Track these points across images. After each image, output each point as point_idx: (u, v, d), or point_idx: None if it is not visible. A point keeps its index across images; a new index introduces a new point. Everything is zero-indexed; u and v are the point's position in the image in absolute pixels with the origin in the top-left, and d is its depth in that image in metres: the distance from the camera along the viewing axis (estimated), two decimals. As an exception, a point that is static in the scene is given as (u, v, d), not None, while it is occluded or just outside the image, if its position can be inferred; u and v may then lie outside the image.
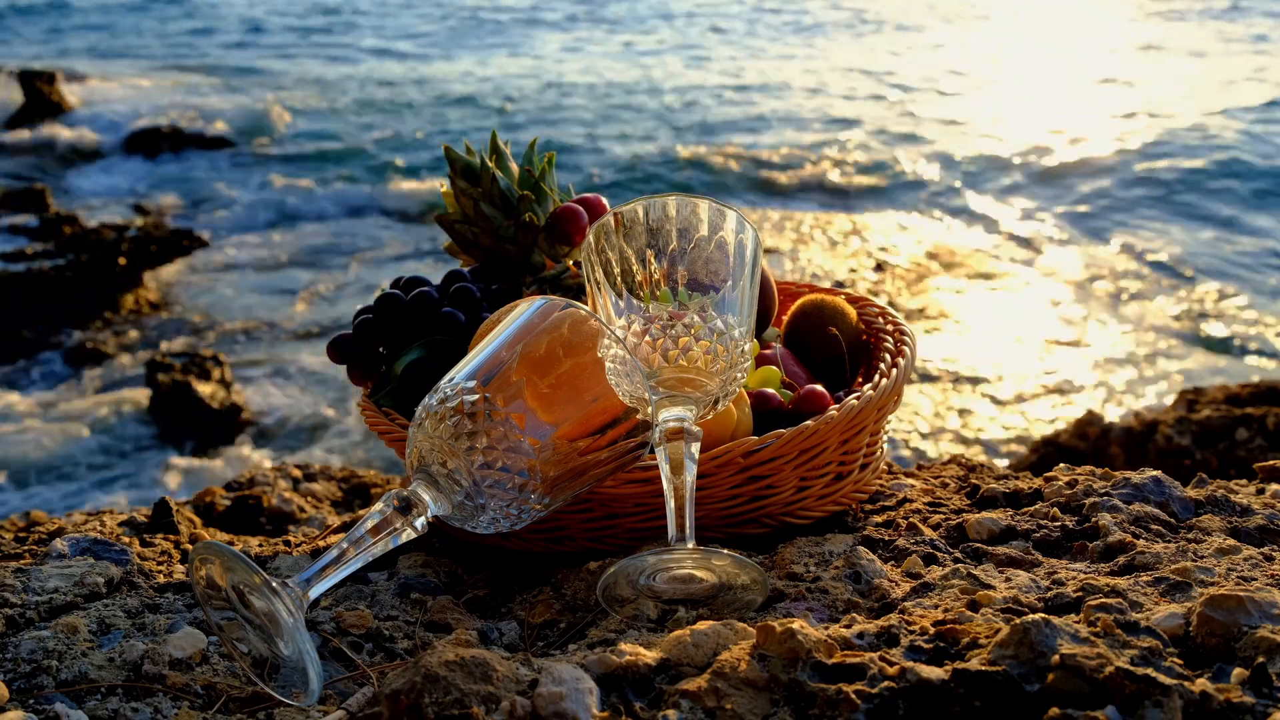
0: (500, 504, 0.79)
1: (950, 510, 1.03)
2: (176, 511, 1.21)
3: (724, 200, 1.03)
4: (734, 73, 14.00)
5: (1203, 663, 0.65)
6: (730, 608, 0.81)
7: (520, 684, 0.63)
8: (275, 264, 7.50)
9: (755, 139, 10.63)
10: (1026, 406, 5.24)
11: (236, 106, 11.89)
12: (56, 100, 11.23)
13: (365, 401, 1.08)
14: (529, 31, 17.35)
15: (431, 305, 1.09)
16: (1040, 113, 11.44)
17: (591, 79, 13.46)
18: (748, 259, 0.90)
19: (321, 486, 1.79)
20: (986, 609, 0.75)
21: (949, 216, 8.26)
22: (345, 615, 0.87)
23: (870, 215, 8.34)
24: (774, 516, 0.97)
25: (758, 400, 1.01)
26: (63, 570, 0.92)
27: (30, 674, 0.75)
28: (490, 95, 12.64)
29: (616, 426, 0.83)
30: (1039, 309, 6.45)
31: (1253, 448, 2.71)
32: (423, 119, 11.57)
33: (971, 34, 17.25)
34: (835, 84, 13.21)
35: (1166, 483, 1.00)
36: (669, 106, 12.01)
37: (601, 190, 2.30)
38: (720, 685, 0.63)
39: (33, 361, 6.03)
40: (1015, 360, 5.75)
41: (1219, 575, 0.79)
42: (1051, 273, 6.99)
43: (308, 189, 9.20)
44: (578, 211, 1.17)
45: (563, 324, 0.83)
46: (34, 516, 1.47)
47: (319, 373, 5.92)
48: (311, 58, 15.20)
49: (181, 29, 17.48)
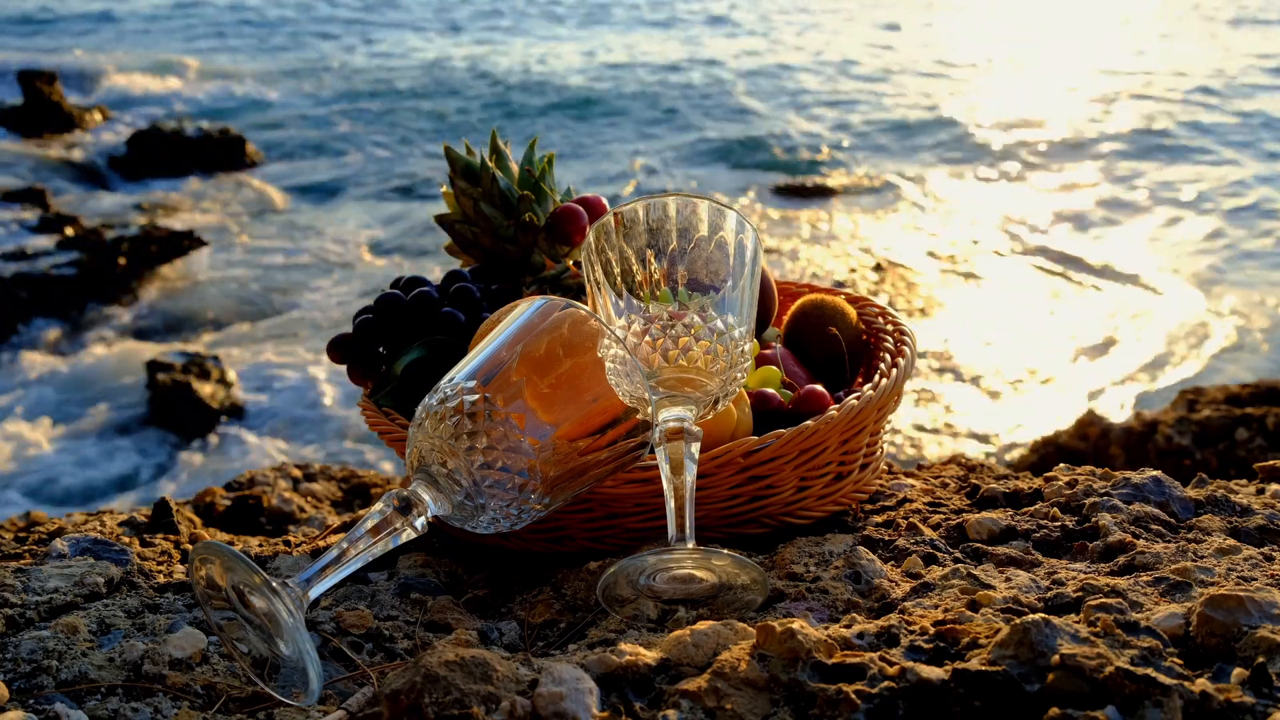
0: (500, 504, 0.79)
1: (950, 510, 1.03)
2: (176, 511, 1.21)
3: (724, 200, 1.03)
4: (733, 69, 14.00)
5: (1203, 663, 0.65)
6: (730, 608, 0.81)
7: (520, 684, 0.63)
8: (276, 264, 7.49)
9: (756, 139, 10.63)
10: (1026, 406, 5.24)
11: (239, 102, 11.90)
12: (57, 100, 11.23)
13: (365, 401, 1.08)
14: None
15: (431, 305, 1.09)
16: (1041, 112, 11.45)
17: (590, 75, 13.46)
18: (748, 259, 0.90)
19: (321, 486, 1.79)
20: (986, 609, 0.75)
21: (949, 216, 8.26)
22: (345, 615, 0.87)
23: (870, 215, 8.34)
24: (774, 516, 0.97)
25: (758, 400, 1.01)
26: (63, 570, 0.92)
27: (30, 674, 0.75)
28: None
29: (616, 426, 0.83)
30: (1039, 309, 6.45)
31: (1253, 448, 2.71)
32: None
33: (971, 30, 17.25)
34: (835, 82, 13.21)
35: (1166, 483, 1.00)
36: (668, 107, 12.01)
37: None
38: (720, 685, 0.63)
39: (32, 361, 6.03)
40: (1015, 360, 5.75)
41: (1219, 575, 0.79)
42: (1052, 272, 6.99)
43: (308, 189, 9.20)
44: (578, 211, 1.17)
45: (563, 324, 0.83)
46: (34, 516, 1.47)
47: (319, 373, 5.91)
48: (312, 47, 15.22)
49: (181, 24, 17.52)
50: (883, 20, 18.05)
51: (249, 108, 11.91)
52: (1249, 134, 10.12)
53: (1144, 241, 7.45)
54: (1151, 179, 8.85)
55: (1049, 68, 13.54)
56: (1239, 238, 7.41)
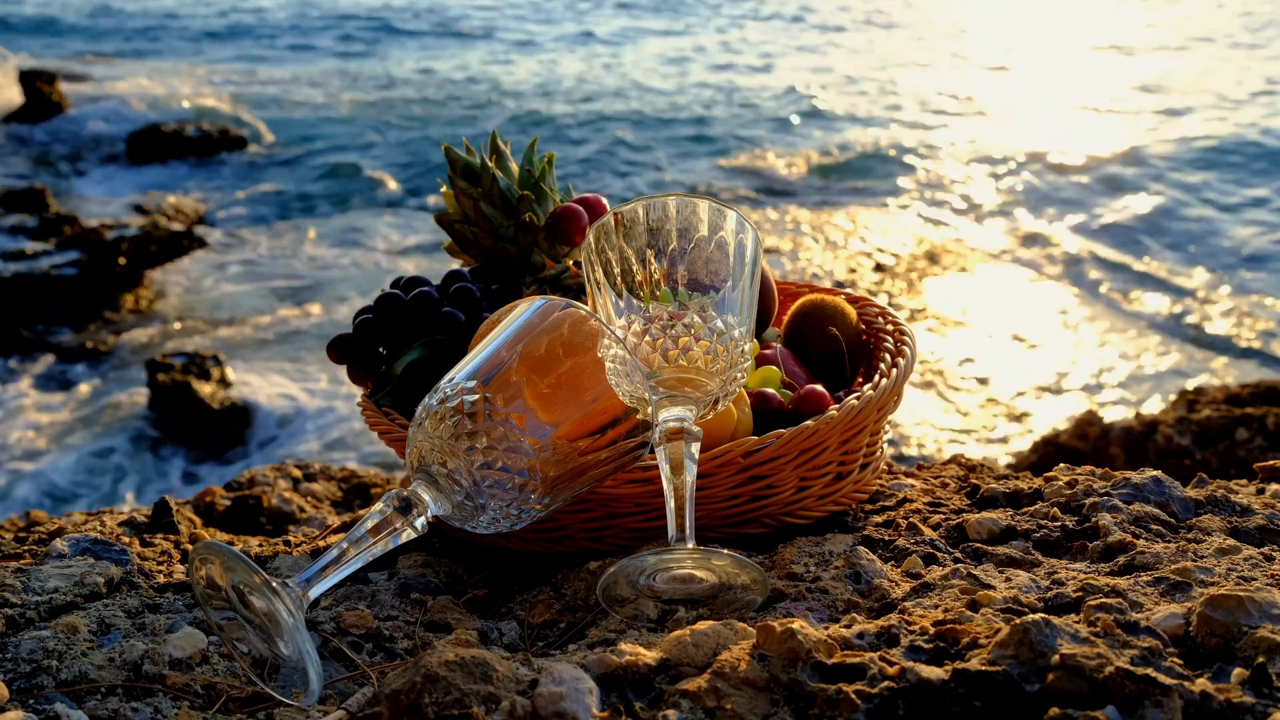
0: (500, 504, 0.79)
1: (950, 510, 1.03)
2: (176, 511, 1.21)
3: (724, 201, 1.03)
4: (731, 69, 14.00)
5: (1203, 663, 0.65)
6: (730, 608, 0.81)
7: (520, 684, 0.63)
8: (276, 263, 7.49)
9: (754, 138, 10.63)
10: (1026, 406, 5.24)
11: (235, 102, 11.90)
12: (57, 100, 11.23)
13: (365, 401, 1.08)
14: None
15: (431, 305, 1.09)
16: (1042, 111, 11.45)
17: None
18: (748, 259, 0.90)
19: (321, 486, 1.79)
20: (986, 609, 0.75)
21: (949, 216, 8.26)
22: (345, 615, 0.87)
23: (870, 215, 8.34)
24: (774, 516, 0.97)
25: (758, 400, 1.01)
26: (63, 570, 0.92)
27: (30, 674, 0.75)
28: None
29: (616, 426, 0.83)
30: (1039, 308, 6.45)
31: (1253, 448, 2.71)
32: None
33: (971, 30, 17.25)
34: (835, 82, 13.21)
35: (1166, 483, 1.00)
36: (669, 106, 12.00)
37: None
38: (720, 685, 0.63)
39: (32, 361, 6.03)
40: (1015, 360, 5.75)
41: (1219, 575, 0.79)
42: (1052, 272, 6.99)
43: (307, 187, 9.20)
44: (578, 211, 1.17)
45: (563, 324, 0.83)
46: (34, 516, 1.47)
47: (319, 372, 5.92)
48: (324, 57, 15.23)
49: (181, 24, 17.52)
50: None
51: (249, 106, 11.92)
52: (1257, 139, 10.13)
53: (1146, 241, 7.45)
54: (1152, 177, 8.85)
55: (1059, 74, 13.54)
56: (1240, 237, 7.40)
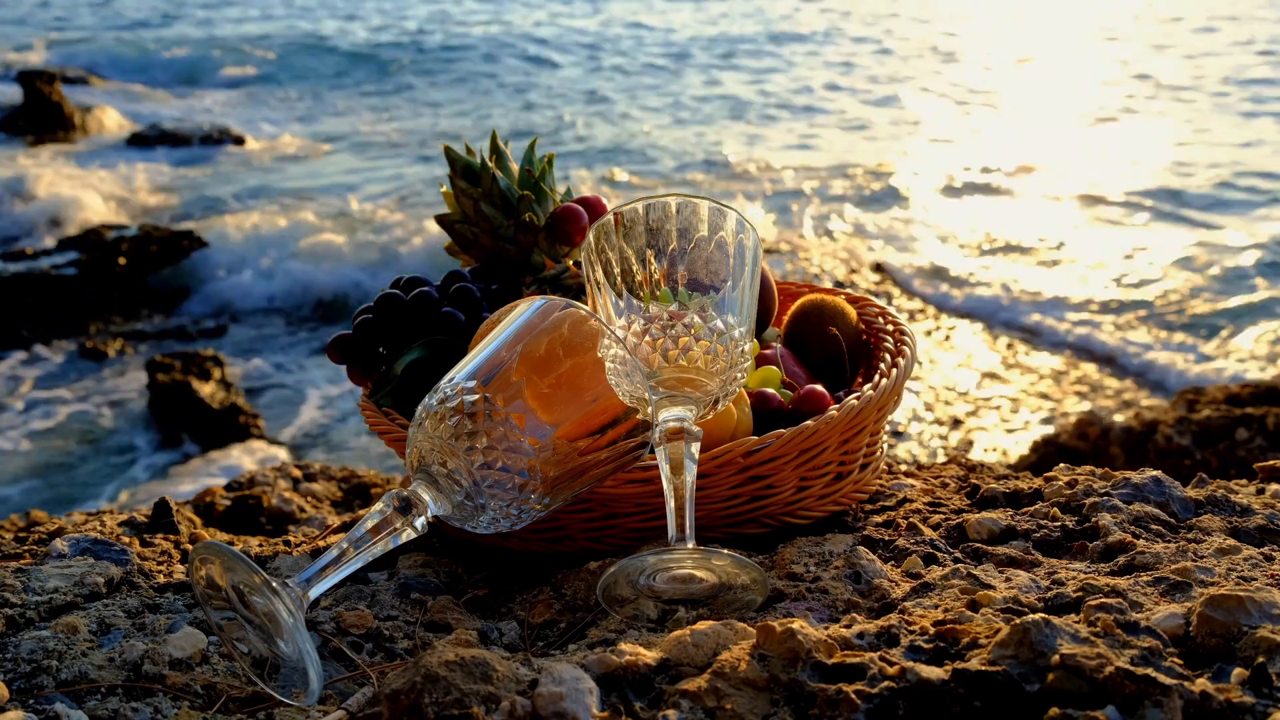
0: (500, 504, 0.79)
1: (950, 510, 1.03)
2: (176, 511, 1.21)
3: (724, 201, 1.03)
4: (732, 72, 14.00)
5: (1203, 663, 0.65)
6: (730, 608, 0.81)
7: (520, 684, 0.63)
8: (276, 263, 7.49)
9: (756, 138, 10.63)
10: (1026, 406, 5.24)
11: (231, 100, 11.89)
12: (57, 100, 11.23)
13: (365, 401, 1.08)
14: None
15: (431, 305, 1.09)
16: (1042, 111, 11.45)
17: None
18: (748, 259, 0.90)
19: (321, 486, 1.79)
20: (986, 609, 0.75)
21: (949, 216, 8.26)
22: (345, 615, 0.87)
23: (870, 215, 8.34)
24: (774, 516, 0.97)
25: (758, 400, 1.01)
26: (63, 570, 0.92)
27: (30, 674, 0.75)
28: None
29: (616, 426, 0.83)
30: (1039, 308, 6.44)
31: (1253, 448, 2.71)
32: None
33: (972, 33, 17.25)
34: (835, 83, 13.21)
35: (1166, 483, 1.00)
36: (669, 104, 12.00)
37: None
38: (720, 685, 0.63)
39: (32, 361, 6.03)
40: (1015, 359, 5.75)
41: (1219, 575, 0.79)
42: (1051, 271, 6.99)
43: (309, 189, 9.20)
44: (578, 211, 1.17)
45: (563, 324, 0.83)
46: (34, 516, 1.47)
47: (319, 372, 5.92)
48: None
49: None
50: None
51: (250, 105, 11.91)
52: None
53: (1145, 240, 7.45)
54: (1152, 180, 8.85)
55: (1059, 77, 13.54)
56: (1239, 237, 7.41)
